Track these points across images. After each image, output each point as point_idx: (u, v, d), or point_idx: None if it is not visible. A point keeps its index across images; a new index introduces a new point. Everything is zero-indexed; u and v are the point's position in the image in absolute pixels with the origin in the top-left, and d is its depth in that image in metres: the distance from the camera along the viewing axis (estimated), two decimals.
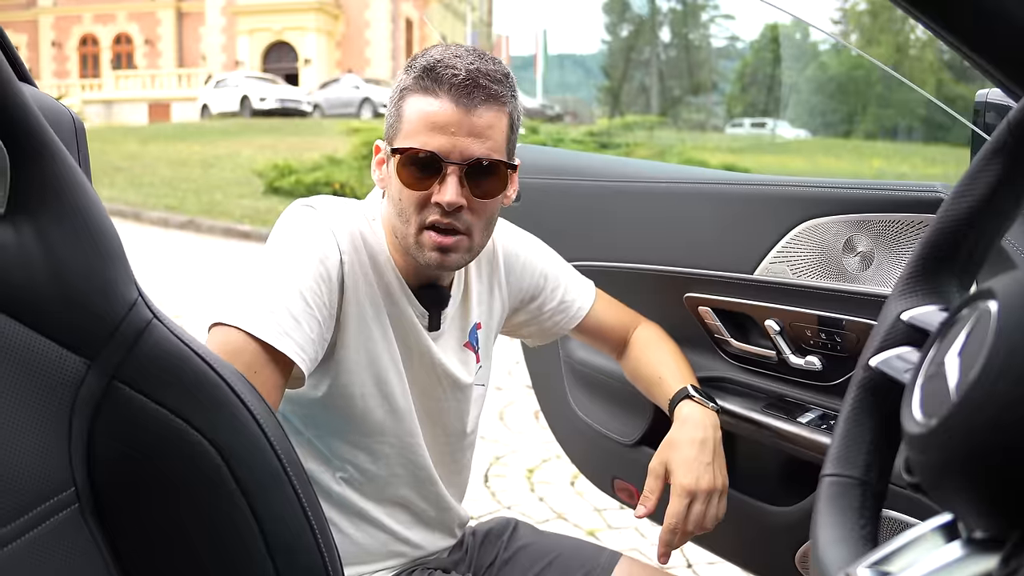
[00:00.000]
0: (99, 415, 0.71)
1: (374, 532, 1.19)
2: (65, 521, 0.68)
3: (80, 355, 0.69)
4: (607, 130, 14.15)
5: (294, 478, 0.78)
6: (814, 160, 17.25)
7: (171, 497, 0.73)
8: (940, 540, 0.49)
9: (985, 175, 0.61)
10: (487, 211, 1.09)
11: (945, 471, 0.47)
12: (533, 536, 1.35)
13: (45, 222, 0.68)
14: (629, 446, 1.53)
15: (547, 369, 1.74)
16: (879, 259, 1.13)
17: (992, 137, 0.61)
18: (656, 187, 1.45)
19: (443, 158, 1.03)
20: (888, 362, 0.63)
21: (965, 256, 0.64)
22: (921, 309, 0.64)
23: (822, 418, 1.22)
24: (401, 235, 1.09)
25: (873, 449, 0.63)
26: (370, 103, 24.51)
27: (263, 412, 0.78)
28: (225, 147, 15.97)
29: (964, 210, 0.62)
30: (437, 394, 1.21)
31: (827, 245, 1.19)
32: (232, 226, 9.80)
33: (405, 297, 1.14)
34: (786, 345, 1.27)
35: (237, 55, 36.17)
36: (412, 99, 1.06)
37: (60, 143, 0.71)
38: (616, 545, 2.61)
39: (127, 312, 0.72)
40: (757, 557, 1.40)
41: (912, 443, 0.49)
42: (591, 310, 1.35)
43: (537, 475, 3.19)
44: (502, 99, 1.06)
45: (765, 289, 1.27)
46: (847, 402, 0.65)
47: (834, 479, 0.62)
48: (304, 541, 0.79)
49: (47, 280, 0.68)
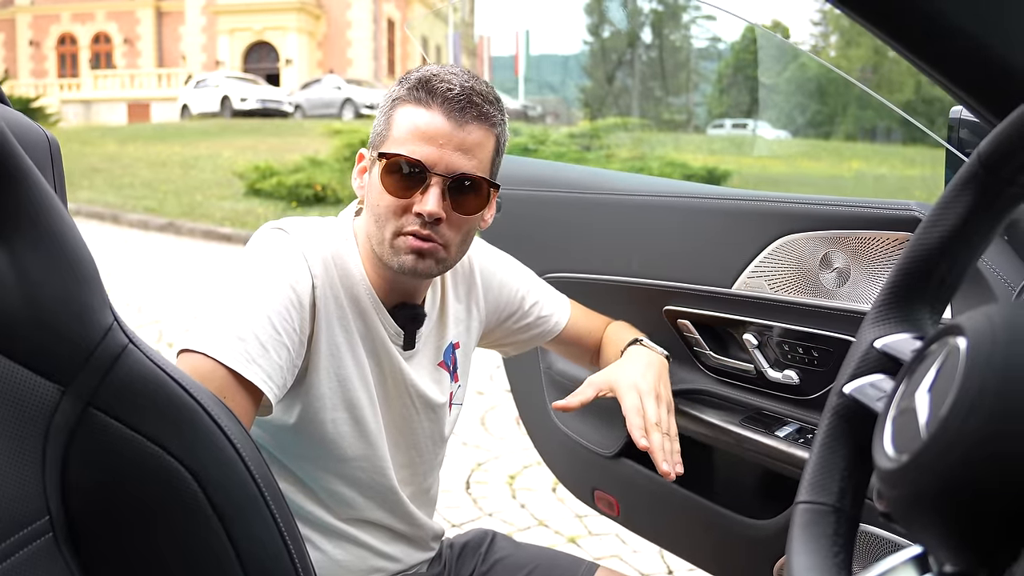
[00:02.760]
0: (73, 442, 0.70)
1: (351, 548, 1.19)
2: (39, 550, 0.67)
3: (54, 382, 0.69)
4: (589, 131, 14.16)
5: (271, 502, 0.78)
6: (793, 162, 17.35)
7: (147, 523, 0.73)
8: (912, 573, 0.50)
9: (956, 205, 0.62)
10: (465, 227, 1.09)
11: (915, 506, 0.47)
12: (511, 548, 1.35)
13: (19, 247, 0.67)
14: (609, 457, 1.54)
15: (528, 380, 1.74)
16: (855, 275, 1.14)
17: (963, 168, 0.62)
18: (636, 200, 1.46)
19: (429, 168, 1.04)
20: (861, 390, 0.64)
21: (937, 284, 0.65)
22: (894, 337, 0.64)
23: (799, 432, 1.23)
24: (376, 241, 1.08)
25: (847, 476, 0.63)
26: (352, 104, 24.43)
27: (240, 436, 0.77)
28: (205, 148, 15.86)
29: (936, 239, 0.63)
30: (409, 415, 1.20)
31: (804, 260, 1.19)
32: (213, 228, 9.74)
33: (379, 316, 1.13)
34: (764, 359, 1.28)
35: (217, 55, 35.94)
36: (404, 109, 1.07)
37: (34, 167, 0.70)
38: (597, 551, 2.62)
39: (102, 337, 0.72)
40: (736, 569, 1.41)
41: (883, 478, 0.50)
42: (568, 323, 1.36)
43: (519, 481, 3.19)
44: (492, 120, 1.07)
45: (743, 303, 1.28)
46: (821, 429, 0.66)
47: (808, 506, 0.63)
48: (282, 565, 0.79)
49: (20, 306, 0.67)
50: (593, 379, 1.20)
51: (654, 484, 1.44)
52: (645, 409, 1.13)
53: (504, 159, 1.63)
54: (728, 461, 1.40)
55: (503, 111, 1.10)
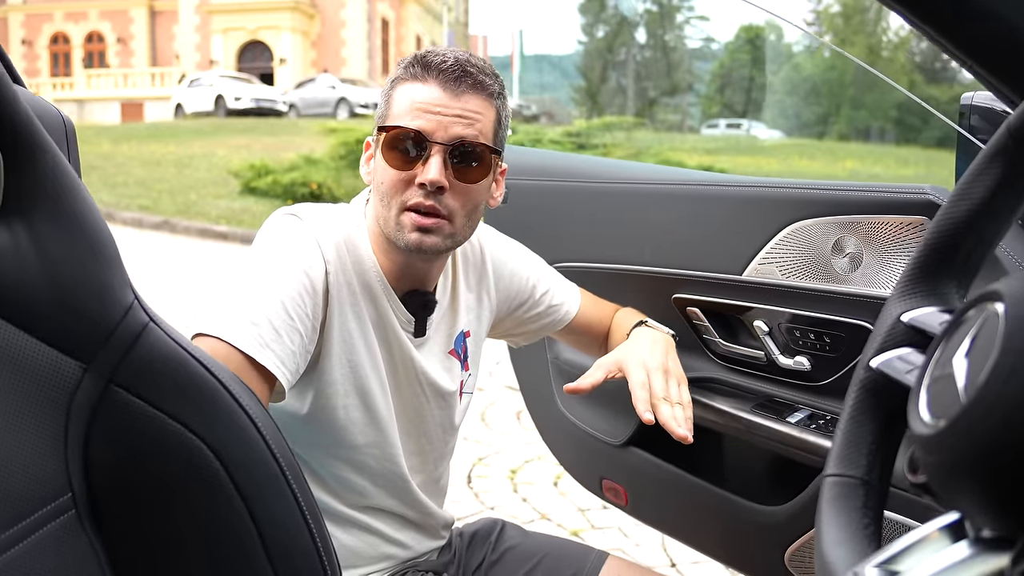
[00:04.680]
0: (95, 419, 0.70)
1: (362, 535, 1.19)
2: (62, 527, 0.67)
3: (76, 359, 0.68)
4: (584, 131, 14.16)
5: (292, 481, 0.78)
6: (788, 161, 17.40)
7: (168, 501, 0.73)
8: (947, 540, 0.50)
9: (984, 178, 0.62)
10: (470, 197, 1.08)
11: (954, 471, 0.47)
12: (520, 537, 1.35)
13: (40, 224, 0.67)
14: (617, 447, 1.54)
15: (534, 371, 1.74)
16: (868, 260, 1.14)
17: (991, 141, 0.62)
18: (644, 188, 1.46)
19: (428, 137, 1.04)
20: (889, 363, 0.63)
21: (963, 258, 0.65)
22: (921, 310, 0.64)
23: (811, 418, 1.23)
24: (383, 220, 1.08)
25: (875, 449, 0.63)
26: (346, 103, 24.40)
27: (261, 415, 0.77)
28: (200, 147, 15.83)
29: (963, 213, 0.63)
30: (420, 403, 1.20)
31: (816, 246, 1.19)
32: (208, 227, 9.72)
33: (390, 303, 1.13)
34: (775, 346, 1.28)
35: (211, 54, 35.86)
36: (402, 87, 1.08)
37: (54, 144, 0.70)
38: (600, 545, 2.61)
39: (123, 315, 0.71)
40: (747, 556, 1.41)
41: (921, 444, 0.50)
42: (577, 312, 1.36)
43: (520, 476, 3.20)
44: (489, 89, 1.08)
45: (754, 290, 1.28)
46: (848, 403, 0.66)
47: (837, 479, 0.63)
48: (302, 543, 0.78)
49: (42, 283, 0.67)
50: (601, 361, 1.20)
51: (663, 472, 1.44)
52: (652, 383, 1.13)
53: (511, 150, 1.63)
54: (738, 448, 1.40)
55: (501, 84, 1.11)
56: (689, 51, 32.69)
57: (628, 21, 25.33)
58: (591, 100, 27.60)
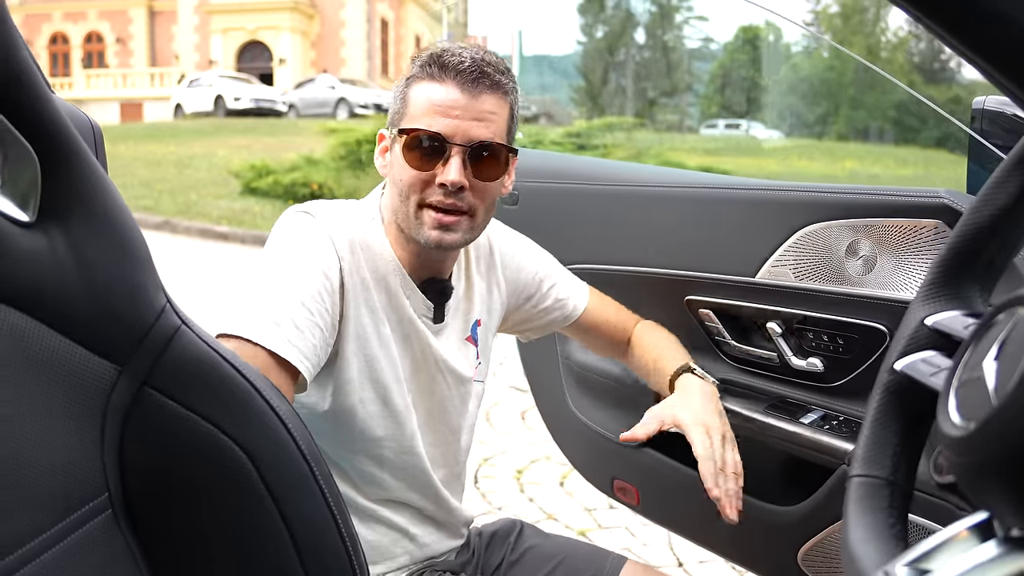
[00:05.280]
0: (130, 420, 0.71)
1: (383, 530, 1.21)
2: (100, 527, 0.68)
3: (111, 361, 0.70)
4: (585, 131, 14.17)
5: (320, 479, 0.79)
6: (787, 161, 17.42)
7: (201, 501, 0.74)
8: (975, 539, 0.51)
9: (1008, 185, 0.63)
10: (488, 193, 1.12)
11: (984, 472, 0.48)
12: (539, 538, 1.36)
13: (76, 229, 0.68)
14: (630, 447, 1.55)
15: (545, 371, 1.75)
16: (882, 263, 1.16)
17: (1016, 148, 0.63)
18: (657, 191, 1.47)
19: (448, 140, 1.07)
20: (913, 366, 0.65)
21: (986, 263, 0.66)
22: (945, 314, 0.66)
23: (824, 419, 1.24)
24: (402, 216, 1.11)
25: (900, 451, 0.65)
26: (346, 103, 24.39)
27: (290, 415, 0.78)
28: (200, 147, 15.83)
29: (987, 218, 0.64)
30: (440, 389, 1.22)
31: (829, 249, 1.21)
32: (209, 227, 9.72)
33: (408, 292, 1.16)
34: (788, 347, 1.30)
35: (211, 54, 35.84)
36: (419, 86, 1.10)
37: (88, 150, 0.71)
38: (606, 544, 2.62)
39: (156, 318, 0.72)
40: (759, 556, 1.42)
41: (950, 446, 0.51)
42: (586, 308, 1.37)
43: (526, 476, 3.21)
44: (505, 88, 1.11)
45: (767, 292, 1.29)
46: (872, 405, 0.67)
47: (863, 480, 0.64)
48: (331, 541, 0.80)
49: (79, 288, 0.68)
50: (657, 412, 1.21)
51: (676, 473, 1.46)
52: (720, 455, 1.15)
53: (522, 153, 1.65)
54: (752, 449, 1.40)
55: (514, 79, 1.14)
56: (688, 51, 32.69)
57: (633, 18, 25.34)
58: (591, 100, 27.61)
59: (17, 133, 0.65)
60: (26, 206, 0.66)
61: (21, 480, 0.62)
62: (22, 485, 0.62)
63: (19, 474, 0.62)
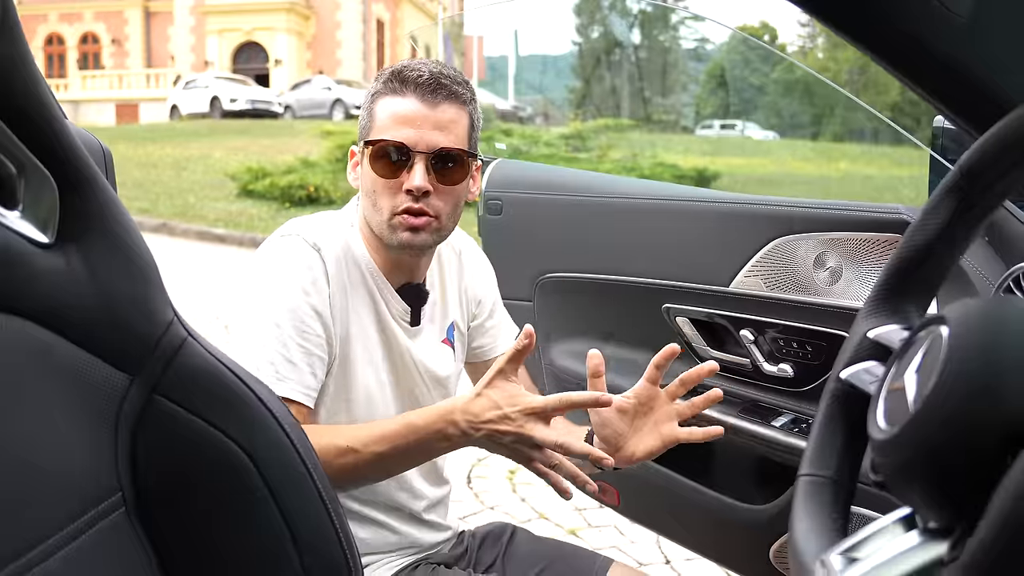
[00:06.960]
0: (141, 425, 0.77)
1: (373, 529, 1.27)
2: (114, 524, 0.74)
3: (124, 371, 0.76)
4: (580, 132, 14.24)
5: (317, 480, 0.85)
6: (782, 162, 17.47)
7: (207, 500, 0.80)
8: (900, 530, 0.57)
9: (940, 211, 0.69)
10: (452, 196, 1.18)
11: (904, 471, 0.54)
12: (530, 542, 1.42)
13: (91, 250, 0.74)
14: None
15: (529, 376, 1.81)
16: (847, 275, 1.22)
17: (946, 178, 0.69)
18: (636, 203, 1.54)
19: (411, 148, 1.14)
20: (856, 375, 0.71)
21: (922, 281, 0.72)
22: (884, 328, 0.72)
23: (794, 422, 1.31)
24: (376, 224, 1.18)
25: (843, 452, 0.71)
26: (342, 104, 24.38)
27: (288, 420, 0.85)
28: (196, 149, 15.84)
29: (922, 242, 0.71)
30: (420, 392, 1.29)
31: (799, 261, 1.27)
32: (207, 229, 9.77)
33: (387, 296, 1.23)
34: (760, 354, 1.36)
35: (206, 55, 35.81)
36: (382, 100, 1.18)
37: (100, 173, 0.77)
38: (596, 543, 2.69)
39: (164, 331, 0.79)
40: (733, 553, 1.48)
41: (877, 447, 0.57)
42: None
43: (519, 476, 3.27)
44: (462, 98, 1.18)
45: (740, 301, 1.36)
46: (820, 410, 0.73)
47: (809, 478, 0.71)
48: (325, 534, 0.86)
49: (94, 302, 0.74)
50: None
51: (654, 474, 1.52)
52: None
53: (506, 163, 1.71)
54: (726, 450, 1.47)
55: (472, 91, 1.21)
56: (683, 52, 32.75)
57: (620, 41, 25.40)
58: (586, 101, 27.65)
59: (36, 160, 0.71)
60: (46, 228, 0.72)
61: (42, 482, 0.68)
62: (43, 486, 0.68)
63: (40, 476, 0.67)
